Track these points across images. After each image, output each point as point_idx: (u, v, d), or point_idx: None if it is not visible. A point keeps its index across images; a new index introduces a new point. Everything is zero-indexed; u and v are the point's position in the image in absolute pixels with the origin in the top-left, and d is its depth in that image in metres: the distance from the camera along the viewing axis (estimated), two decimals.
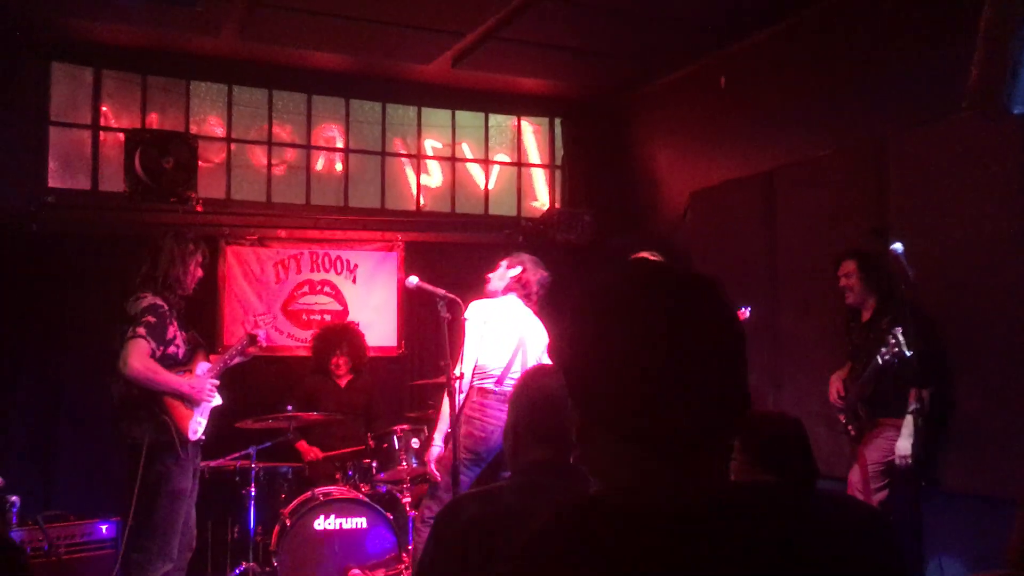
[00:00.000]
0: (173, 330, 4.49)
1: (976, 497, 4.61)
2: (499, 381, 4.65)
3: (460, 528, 2.00)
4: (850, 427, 4.79)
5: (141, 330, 4.32)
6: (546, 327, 4.91)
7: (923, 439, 4.43)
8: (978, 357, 4.53)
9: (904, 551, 3.90)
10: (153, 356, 4.36)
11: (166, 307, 4.46)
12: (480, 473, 4.68)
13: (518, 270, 4.88)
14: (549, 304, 5.67)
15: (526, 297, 4.87)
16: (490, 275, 4.98)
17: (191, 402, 4.47)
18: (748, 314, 5.18)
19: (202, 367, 4.60)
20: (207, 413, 4.58)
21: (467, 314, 4.69)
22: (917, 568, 4.46)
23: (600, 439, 1.10)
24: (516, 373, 4.63)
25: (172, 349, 4.48)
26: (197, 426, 4.50)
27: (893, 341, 4.27)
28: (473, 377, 4.64)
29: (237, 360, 4.84)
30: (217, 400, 4.64)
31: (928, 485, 4.58)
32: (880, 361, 4.33)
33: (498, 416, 4.49)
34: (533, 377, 2.33)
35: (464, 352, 4.62)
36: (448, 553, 1.98)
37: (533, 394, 2.25)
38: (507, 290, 4.84)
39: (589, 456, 1.13)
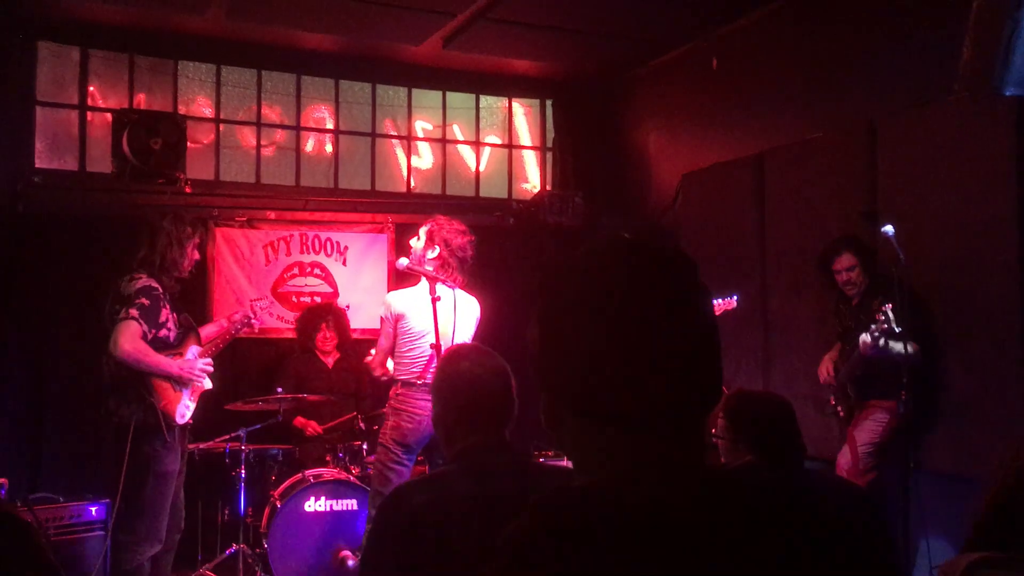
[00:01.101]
0: (166, 313, 4.47)
1: (964, 479, 4.64)
2: (421, 374, 4.47)
3: (407, 517, 1.96)
4: (839, 408, 4.81)
5: (134, 312, 4.30)
6: (479, 296, 4.74)
7: (910, 421, 4.46)
8: (967, 339, 4.54)
9: (892, 532, 3.93)
10: (144, 338, 4.33)
11: (160, 290, 4.44)
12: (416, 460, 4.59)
13: (436, 251, 4.56)
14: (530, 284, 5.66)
15: (452, 271, 4.56)
16: (411, 243, 4.69)
17: (180, 385, 4.45)
18: (736, 303, 5.16)
19: (193, 350, 4.58)
20: (196, 397, 4.56)
21: (382, 310, 4.58)
22: (905, 549, 4.49)
23: (574, 424, 1.07)
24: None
25: (164, 332, 4.46)
26: (185, 410, 4.48)
27: (883, 318, 4.27)
28: (396, 370, 4.56)
29: (228, 339, 4.90)
30: (207, 384, 4.62)
31: (916, 467, 4.60)
32: (870, 338, 4.33)
33: (424, 406, 4.36)
34: (450, 362, 2.27)
35: (378, 347, 4.62)
36: (396, 544, 1.95)
37: (455, 380, 2.21)
38: (429, 276, 4.48)
39: (564, 442, 1.11)
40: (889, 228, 4.45)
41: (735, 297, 5.13)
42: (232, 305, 6.69)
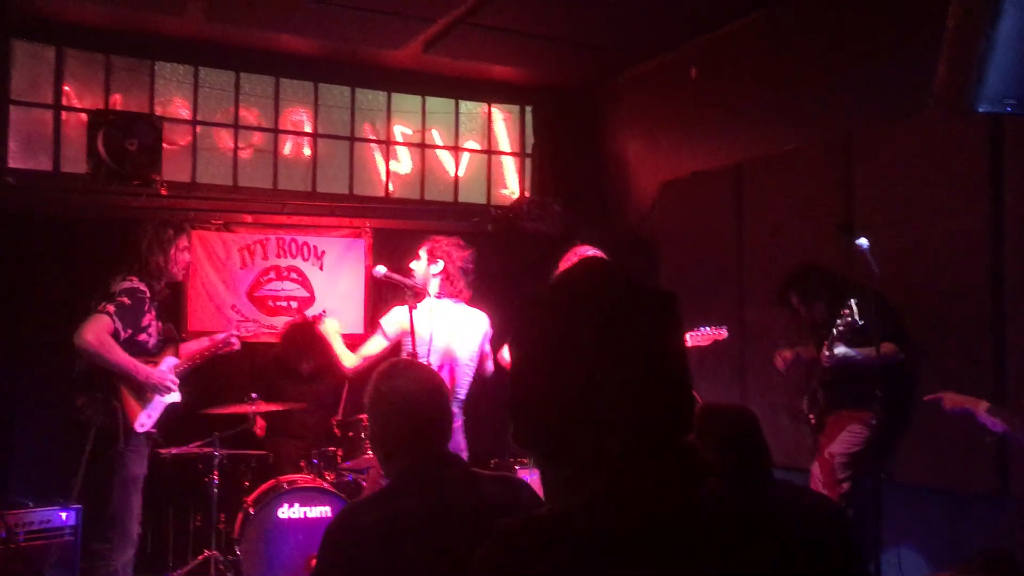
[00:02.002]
0: (149, 319, 4.46)
1: (935, 491, 4.68)
2: None
3: (356, 535, 1.95)
4: (810, 415, 4.83)
5: (110, 307, 4.28)
6: (490, 311, 4.74)
7: (884, 432, 4.50)
8: (940, 353, 4.58)
9: (860, 546, 3.95)
10: (116, 336, 4.29)
11: (147, 294, 4.44)
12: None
13: (440, 265, 4.59)
14: (516, 294, 5.65)
15: (458, 285, 4.60)
16: (412, 266, 4.66)
17: (145, 392, 4.42)
18: (726, 334, 5.11)
19: (168, 361, 4.57)
20: (160, 408, 4.52)
21: (383, 321, 4.53)
22: (874, 560, 4.52)
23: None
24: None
25: (144, 337, 4.44)
26: (146, 419, 4.44)
27: (847, 311, 4.32)
28: None
29: (207, 357, 4.89)
30: (174, 397, 4.59)
31: (889, 478, 4.64)
32: (835, 332, 4.38)
33: None
34: (385, 380, 2.23)
35: (363, 349, 4.55)
36: (347, 562, 1.94)
37: (391, 398, 2.17)
38: (409, 286, 4.46)
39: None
40: (863, 241, 4.48)
41: (725, 329, 5.09)
42: (208, 309, 6.64)
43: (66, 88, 6.59)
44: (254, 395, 5.55)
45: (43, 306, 6.01)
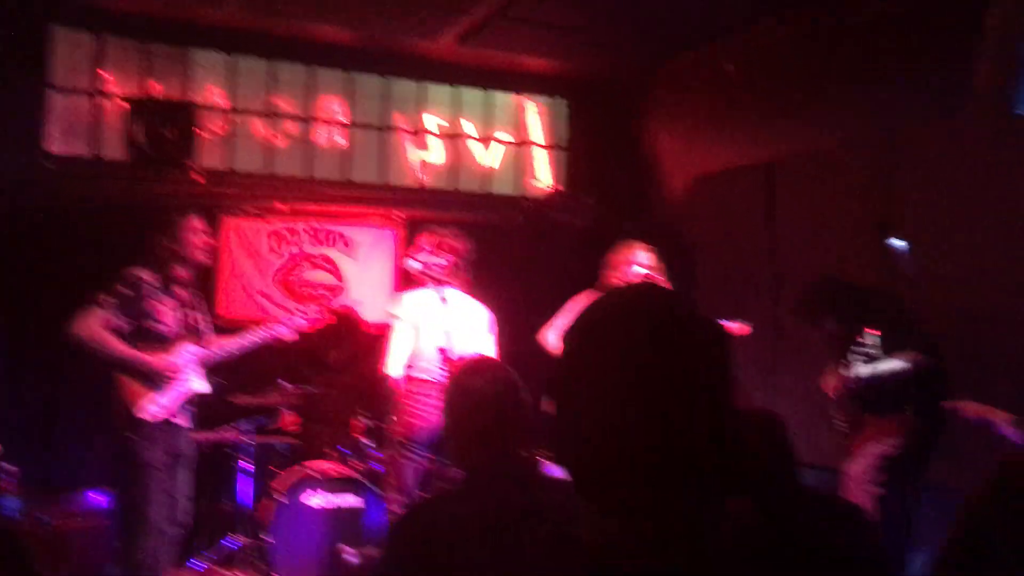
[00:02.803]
0: (157, 306, 4.40)
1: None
2: (431, 372, 4.64)
3: (421, 536, 1.97)
4: (843, 423, 4.79)
5: (105, 299, 4.30)
6: (485, 297, 4.85)
7: (921, 437, 4.45)
8: (983, 356, 4.52)
9: (889, 558, 3.91)
10: (111, 327, 4.28)
11: (153, 281, 4.40)
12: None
13: (448, 257, 4.71)
14: (546, 286, 5.67)
15: (463, 275, 4.76)
16: (413, 259, 4.73)
17: (152, 379, 4.36)
18: (749, 331, 5.06)
19: (188, 349, 4.50)
20: (177, 395, 4.45)
21: (394, 310, 4.77)
22: (902, 565, 4.48)
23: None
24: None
25: (154, 325, 4.39)
26: (154, 406, 4.36)
27: (868, 342, 4.29)
28: (408, 369, 4.78)
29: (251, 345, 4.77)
30: (197, 386, 4.53)
31: (922, 484, 4.59)
32: (850, 374, 4.39)
33: (434, 403, 4.55)
34: (461, 379, 2.28)
35: (389, 350, 4.76)
36: (410, 563, 1.96)
37: (465, 398, 2.21)
38: (437, 279, 4.62)
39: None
40: (900, 242, 4.43)
41: (748, 326, 5.04)
42: (239, 295, 6.70)
43: (104, 75, 6.65)
44: (282, 381, 5.59)
45: (82, 290, 6.07)
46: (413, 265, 4.55)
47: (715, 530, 1.03)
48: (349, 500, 5.22)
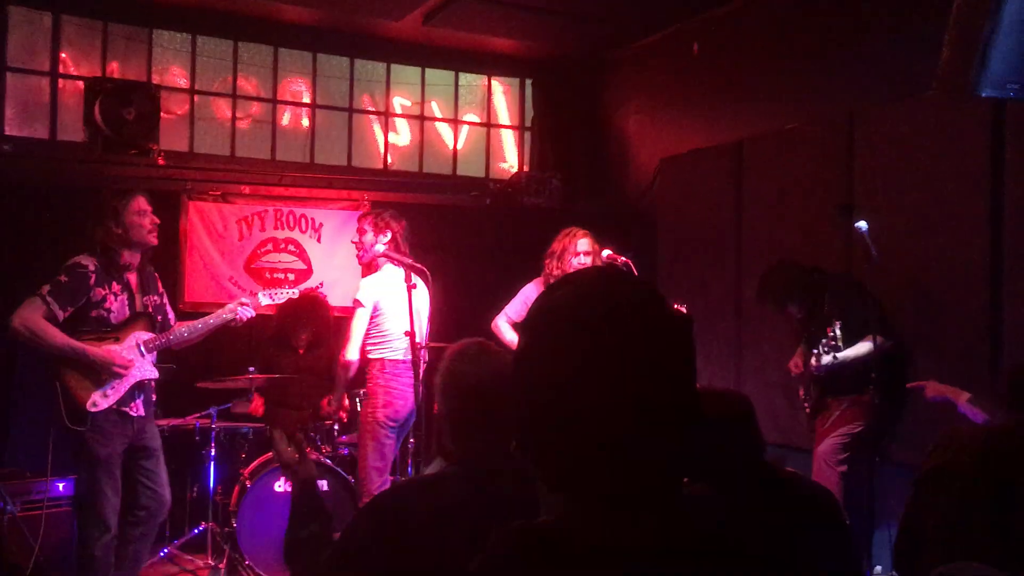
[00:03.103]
0: (100, 292, 4.16)
1: None
2: (405, 352, 4.71)
3: (402, 520, 1.94)
4: (806, 403, 4.86)
5: (44, 288, 4.10)
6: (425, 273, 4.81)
7: (881, 414, 4.53)
8: (937, 336, 4.59)
9: (854, 539, 3.97)
10: (52, 318, 4.08)
11: (92, 267, 4.15)
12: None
13: (388, 235, 4.87)
14: (513, 268, 5.67)
15: (405, 252, 4.85)
16: (363, 240, 4.96)
17: (97, 371, 4.13)
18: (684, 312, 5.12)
19: (134, 338, 4.26)
20: (124, 385, 4.20)
21: (359, 297, 4.83)
22: (867, 540, 4.57)
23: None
24: (418, 339, 4.56)
25: (99, 313, 4.17)
26: (101, 399, 4.14)
27: (832, 333, 4.37)
28: (377, 350, 4.84)
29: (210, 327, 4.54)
30: (144, 372, 4.27)
31: (883, 460, 4.67)
32: (815, 361, 4.47)
33: (408, 383, 4.65)
34: (455, 363, 2.20)
35: (352, 337, 4.81)
36: (387, 541, 1.92)
37: (459, 383, 2.15)
38: (385, 256, 4.80)
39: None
40: (863, 224, 4.48)
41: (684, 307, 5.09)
42: (205, 280, 6.62)
43: (63, 55, 6.54)
44: (251, 369, 5.55)
45: (38, 274, 5.96)
46: (378, 249, 4.55)
47: (679, 513, 1.04)
48: (318, 484, 5.21)
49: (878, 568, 4.66)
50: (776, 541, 1.12)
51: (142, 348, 4.27)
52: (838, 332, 4.34)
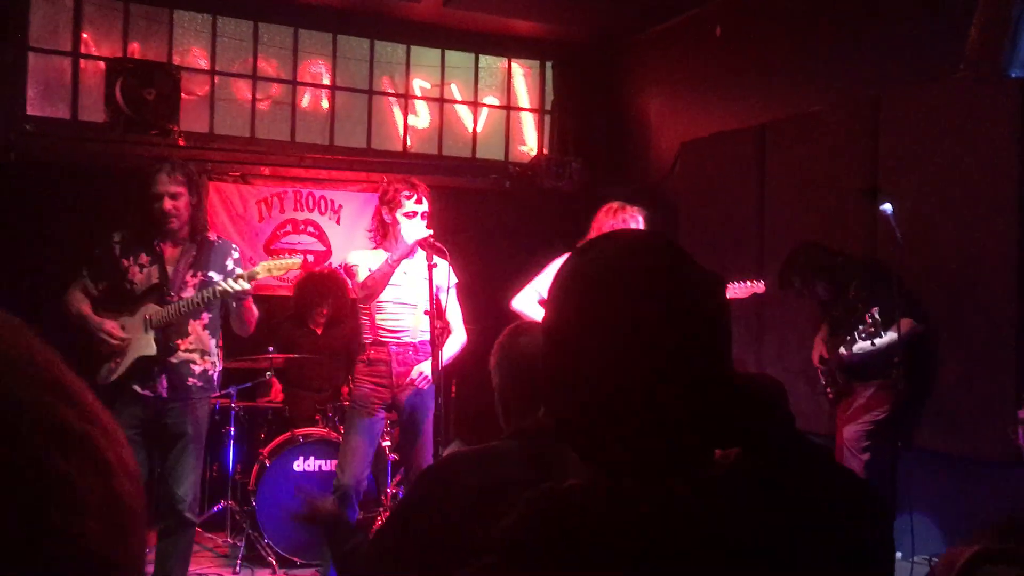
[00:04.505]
0: (127, 263, 4.10)
1: (951, 458, 4.68)
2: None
3: (458, 492, 1.94)
4: (828, 389, 4.82)
5: (84, 266, 4.16)
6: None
7: (905, 400, 4.49)
8: (961, 320, 4.55)
9: (888, 519, 3.95)
10: (87, 292, 4.11)
11: (118, 238, 4.14)
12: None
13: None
14: (535, 251, 5.64)
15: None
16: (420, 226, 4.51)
17: (101, 344, 4.07)
18: (763, 288, 5.03)
19: (145, 310, 4.08)
20: (125, 360, 4.07)
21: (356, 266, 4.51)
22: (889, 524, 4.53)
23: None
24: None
25: (123, 285, 4.09)
26: (106, 371, 4.07)
27: (870, 321, 4.30)
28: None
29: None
30: (141, 348, 4.05)
31: (906, 446, 4.63)
32: (846, 350, 4.40)
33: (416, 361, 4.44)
34: (511, 338, 2.25)
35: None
36: (440, 515, 1.93)
37: (514, 358, 2.19)
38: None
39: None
40: (888, 206, 4.43)
41: (763, 283, 5.00)
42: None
43: (84, 35, 6.54)
44: (271, 348, 5.57)
45: (59, 253, 6.01)
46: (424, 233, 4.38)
47: (709, 482, 1.03)
48: (336, 464, 5.22)
49: (898, 555, 4.64)
50: (809, 518, 1.10)
51: (149, 323, 4.09)
52: (878, 318, 4.26)
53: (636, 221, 4.66)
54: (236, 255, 4.37)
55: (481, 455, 2.11)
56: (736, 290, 4.92)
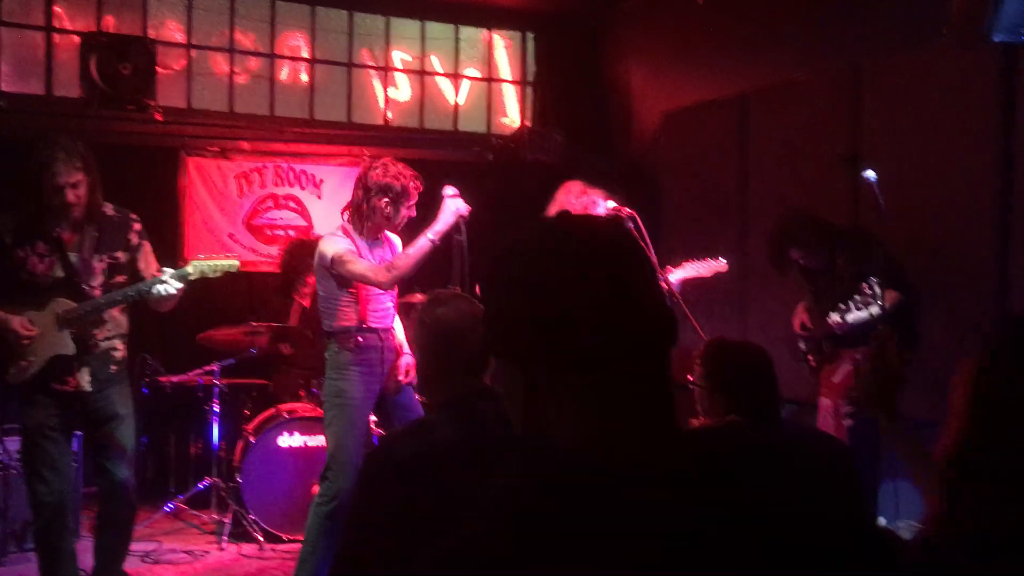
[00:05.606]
0: (22, 253, 3.75)
1: (935, 425, 4.70)
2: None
3: (394, 470, 1.94)
4: (810, 357, 4.82)
5: None
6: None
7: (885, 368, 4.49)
8: (944, 288, 4.56)
9: (865, 485, 3.97)
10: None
11: (9, 226, 3.78)
12: None
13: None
14: (518, 224, 5.60)
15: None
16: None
17: (8, 341, 3.75)
18: (726, 267, 5.01)
19: (56, 306, 3.79)
20: (38, 359, 3.78)
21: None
22: (873, 494, 4.56)
23: (545, 390, 1.06)
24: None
25: (20, 276, 3.76)
26: (16, 370, 3.78)
27: (869, 292, 4.25)
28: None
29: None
30: (56, 347, 3.78)
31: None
32: (840, 319, 4.35)
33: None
34: (426, 310, 2.26)
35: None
36: (387, 498, 1.93)
37: (432, 328, 2.20)
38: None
39: (537, 416, 1.09)
40: (870, 173, 4.40)
41: (725, 262, 4.99)
42: (204, 238, 6.58)
43: (57, 9, 6.42)
44: (253, 323, 5.53)
45: None
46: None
47: (682, 438, 1.07)
48: (321, 440, 5.20)
49: (881, 520, 4.67)
50: (798, 471, 1.12)
51: (63, 321, 3.79)
52: (877, 289, 4.21)
53: (596, 205, 4.51)
54: (138, 226, 4.01)
55: (411, 429, 2.14)
56: (698, 268, 4.90)
